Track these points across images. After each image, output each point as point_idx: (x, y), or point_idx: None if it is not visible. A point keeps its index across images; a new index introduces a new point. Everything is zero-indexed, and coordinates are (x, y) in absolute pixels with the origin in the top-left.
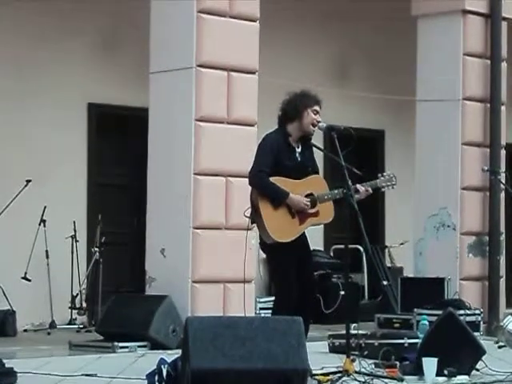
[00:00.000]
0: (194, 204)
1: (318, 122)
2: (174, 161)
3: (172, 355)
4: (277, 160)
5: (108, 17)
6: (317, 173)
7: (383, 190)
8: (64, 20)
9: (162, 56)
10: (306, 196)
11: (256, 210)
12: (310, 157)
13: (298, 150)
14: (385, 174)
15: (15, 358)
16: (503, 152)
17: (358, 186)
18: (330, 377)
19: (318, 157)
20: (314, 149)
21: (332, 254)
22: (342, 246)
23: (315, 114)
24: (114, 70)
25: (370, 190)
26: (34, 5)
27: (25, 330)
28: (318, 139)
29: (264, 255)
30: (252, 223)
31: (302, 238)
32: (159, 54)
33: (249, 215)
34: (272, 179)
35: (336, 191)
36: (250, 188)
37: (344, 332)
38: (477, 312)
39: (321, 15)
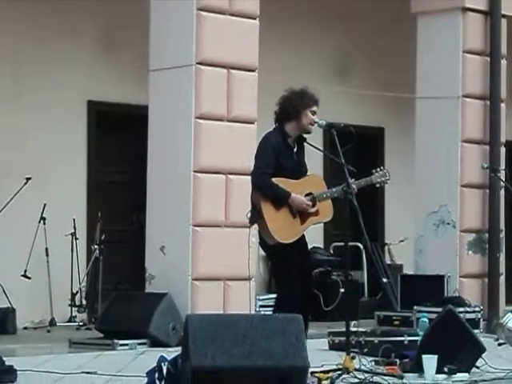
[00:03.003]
0: (194, 201)
1: (315, 122)
2: (173, 158)
3: (172, 353)
4: (277, 161)
5: (107, 14)
6: (306, 172)
7: (378, 185)
8: (63, 18)
9: (161, 53)
10: (306, 195)
11: (258, 211)
12: (302, 156)
13: (295, 149)
14: (378, 169)
15: (15, 356)
16: (503, 149)
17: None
18: (330, 374)
19: (318, 154)
20: (309, 147)
21: (332, 251)
22: (342, 244)
23: (313, 115)
24: (114, 67)
25: (356, 189)
26: (32, 3)
27: (25, 328)
28: (317, 136)
29: (264, 253)
30: (251, 224)
31: (301, 236)
32: (159, 51)
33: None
34: (274, 180)
35: (334, 189)
36: (249, 185)
37: (344, 329)
38: (476, 309)
39: (321, 12)
